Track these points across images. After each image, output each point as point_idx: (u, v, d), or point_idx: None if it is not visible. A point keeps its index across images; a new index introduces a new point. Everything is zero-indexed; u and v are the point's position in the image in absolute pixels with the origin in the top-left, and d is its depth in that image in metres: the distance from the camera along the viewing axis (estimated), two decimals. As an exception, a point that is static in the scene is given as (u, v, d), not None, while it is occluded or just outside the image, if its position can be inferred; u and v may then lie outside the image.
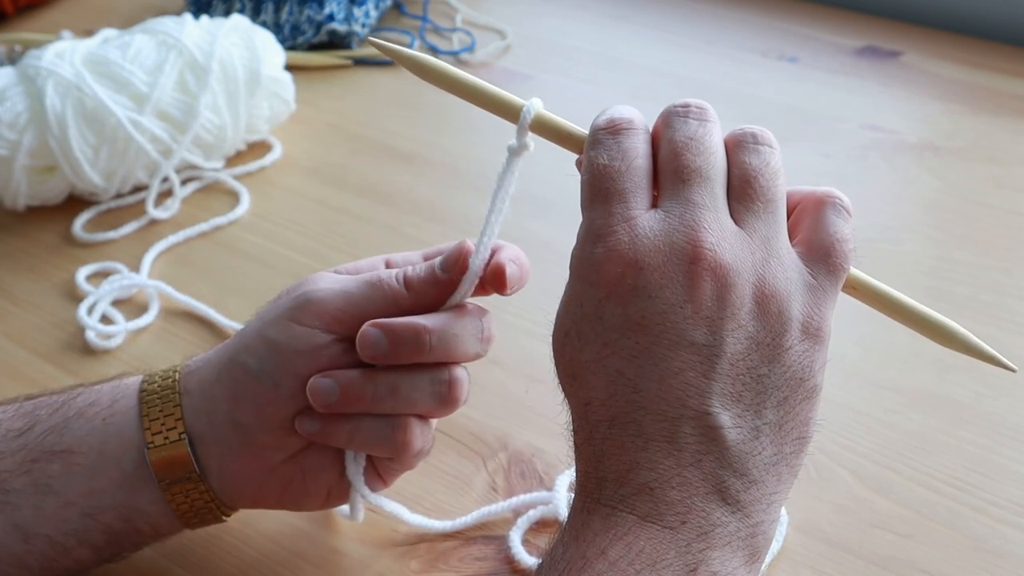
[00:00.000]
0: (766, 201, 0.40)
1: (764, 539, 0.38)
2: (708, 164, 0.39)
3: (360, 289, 0.47)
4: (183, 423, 0.47)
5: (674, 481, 0.36)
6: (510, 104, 0.44)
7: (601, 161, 0.40)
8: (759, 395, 0.37)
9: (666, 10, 1.03)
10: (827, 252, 0.40)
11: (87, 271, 0.71)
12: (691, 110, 0.41)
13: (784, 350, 0.38)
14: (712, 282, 0.37)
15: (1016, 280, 0.68)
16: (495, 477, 0.55)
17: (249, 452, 0.47)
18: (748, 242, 0.39)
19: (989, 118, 0.84)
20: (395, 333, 0.46)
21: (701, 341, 0.37)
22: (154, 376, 0.48)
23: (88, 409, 0.47)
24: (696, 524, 0.36)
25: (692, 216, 0.38)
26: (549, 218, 0.72)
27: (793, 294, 0.38)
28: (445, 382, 0.47)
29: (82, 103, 0.73)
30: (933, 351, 0.50)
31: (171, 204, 0.77)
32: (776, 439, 0.38)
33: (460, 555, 0.51)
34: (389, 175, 0.81)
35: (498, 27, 0.99)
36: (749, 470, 0.37)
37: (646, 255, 0.38)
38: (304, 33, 0.96)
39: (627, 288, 0.38)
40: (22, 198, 0.75)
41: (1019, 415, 0.58)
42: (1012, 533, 0.51)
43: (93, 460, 0.46)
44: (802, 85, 0.90)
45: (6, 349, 0.65)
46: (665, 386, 0.37)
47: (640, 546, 0.36)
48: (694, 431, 0.37)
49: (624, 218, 0.38)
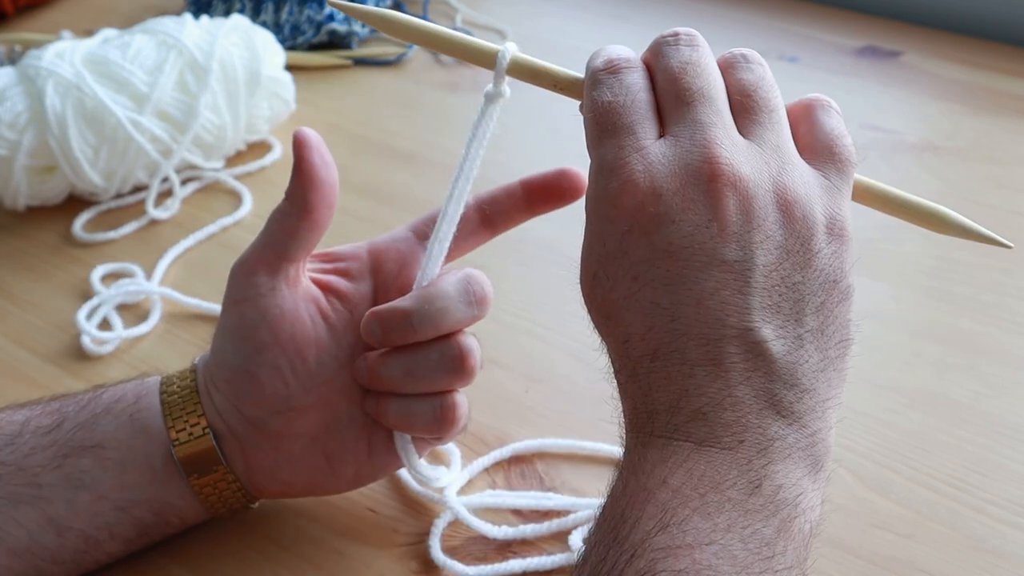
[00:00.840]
0: (769, 111, 0.40)
1: (824, 447, 0.38)
2: (708, 84, 0.40)
3: (262, 229, 0.48)
4: (206, 418, 0.47)
5: (726, 403, 0.36)
6: (484, 50, 0.44)
7: (605, 98, 0.40)
8: (797, 303, 0.37)
9: (666, 10, 1.03)
10: (831, 151, 0.40)
11: (102, 271, 0.70)
12: (681, 37, 0.41)
13: (814, 254, 0.38)
14: (734, 196, 0.37)
15: (1016, 280, 0.68)
16: (495, 477, 0.55)
17: (268, 444, 0.48)
18: (761, 152, 0.39)
19: (989, 118, 0.84)
20: (382, 319, 0.47)
21: (732, 258, 0.37)
22: (171, 379, 0.49)
23: (115, 405, 0.48)
24: (754, 441, 0.36)
25: (702, 135, 0.38)
26: (549, 218, 0.72)
27: (813, 197, 0.38)
28: (454, 355, 0.47)
29: (82, 103, 0.73)
30: (933, 351, 0.50)
31: (171, 204, 0.77)
32: (820, 345, 0.38)
33: (461, 554, 0.51)
34: (389, 175, 0.81)
35: (498, 27, 0.99)
36: (799, 380, 0.37)
37: (663, 181, 0.37)
38: (304, 33, 0.96)
39: (649, 217, 0.37)
40: (22, 198, 0.75)
41: (1019, 415, 0.58)
42: (1012, 533, 0.51)
43: (123, 455, 0.47)
44: (802, 85, 0.90)
45: (6, 349, 0.65)
46: (703, 309, 0.36)
47: (701, 470, 0.35)
48: (738, 349, 0.36)
49: (635, 148, 0.38)
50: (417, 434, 0.49)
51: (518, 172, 0.50)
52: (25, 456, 0.46)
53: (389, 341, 0.47)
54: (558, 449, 0.56)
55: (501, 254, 0.64)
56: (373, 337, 0.47)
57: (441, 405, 0.48)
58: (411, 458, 0.50)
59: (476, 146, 0.45)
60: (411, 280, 0.49)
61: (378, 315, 0.47)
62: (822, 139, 0.40)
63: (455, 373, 0.47)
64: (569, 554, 0.50)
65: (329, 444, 0.49)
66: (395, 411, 0.48)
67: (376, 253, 0.50)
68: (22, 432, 0.47)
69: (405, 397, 0.48)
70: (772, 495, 0.35)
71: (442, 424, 0.48)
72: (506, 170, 0.46)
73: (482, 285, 0.48)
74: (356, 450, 0.49)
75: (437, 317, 0.46)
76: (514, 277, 0.69)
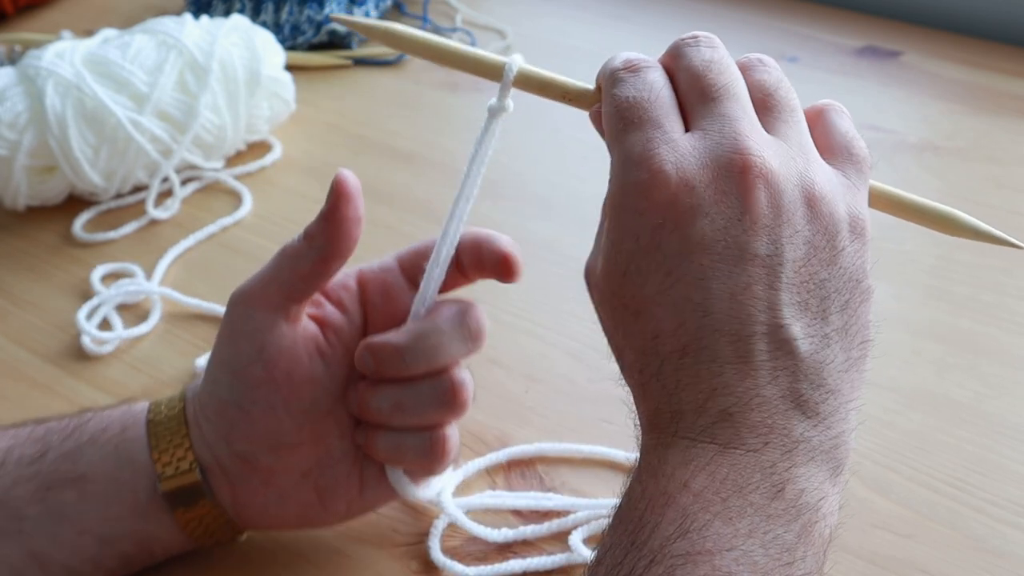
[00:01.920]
0: (791, 110, 0.40)
1: (845, 451, 0.37)
2: (733, 81, 0.39)
3: (270, 262, 0.46)
4: (193, 452, 0.46)
5: (753, 403, 0.36)
6: (490, 63, 0.43)
7: (627, 94, 0.39)
8: (823, 301, 0.37)
9: (666, 10, 1.03)
10: (849, 151, 0.40)
11: (102, 271, 0.70)
12: (701, 39, 0.41)
13: (839, 251, 0.38)
14: (765, 190, 0.37)
15: (1016, 280, 0.68)
16: (495, 477, 0.55)
17: (258, 479, 0.47)
18: (787, 148, 0.38)
19: (989, 118, 0.84)
20: (375, 352, 0.46)
21: (763, 252, 0.36)
22: (159, 406, 0.48)
23: (100, 435, 0.46)
24: (779, 443, 0.35)
25: (731, 128, 0.38)
26: (549, 218, 0.72)
27: (837, 194, 0.38)
28: (447, 389, 0.46)
29: (82, 103, 0.73)
30: (933, 351, 0.50)
31: (171, 204, 0.77)
32: (844, 345, 0.37)
33: (461, 553, 0.51)
34: (389, 175, 0.80)
35: (498, 27, 0.99)
36: (825, 379, 0.36)
37: (695, 173, 0.37)
38: (304, 33, 0.96)
39: (683, 209, 0.36)
40: (22, 198, 0.74)
41: (1019, 415, 0.58)
42: (1012, 533, 0.51)
43: (107, 487, 0.46)
44: (802, 85, 0.88)
45: (6, 349, 0.65)
46: (735, 304, 0.36)
47: (724, 473, 0.35)
48: (768, 346, 0.36)
49: (664, 140, 0.38)
50: (407, 467, 0.48)
51: (519, 173, 0.50)
52: (7, 489, 0.45)
53: (382, 374, 0.46)
54: (557, 453, 0.56)
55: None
56: (367, 369, 0.46)
57: (431, 439, 0.47)
58: (406, 489, 0.49)
59: (479, 164, 0.44)
60: (399, 311, 0.47)
61: (371, 348, 0.46)
62: (839, 140, 0.41)
63: (447, 407, 0.47)
64: (569, 554, 0.50)
65: (321, 479, 0.47)
66: (385, 445, 0.47)
67: (364, 283, 0.49)
68: (5, 462, 0.46)
69: (395, 431, 0.47)
70: (794, 499, 0.35)
71: (432, 458, 0.47)
72: (507, 171, 0.46)
73: (478, 320, 0.47)
74: (348, 485, 0.48)
75: (430, 353, 0.46)
76: (514, 277, 0.69)
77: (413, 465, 0.48)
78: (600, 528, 0.52)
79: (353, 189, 0.46)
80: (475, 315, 0.47)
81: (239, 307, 0.46)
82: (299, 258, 0.46)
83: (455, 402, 0.47)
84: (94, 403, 0.61)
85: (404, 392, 0.46)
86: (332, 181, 0.46)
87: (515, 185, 0.72)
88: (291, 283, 0.46)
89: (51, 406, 0.61)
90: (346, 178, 0.46)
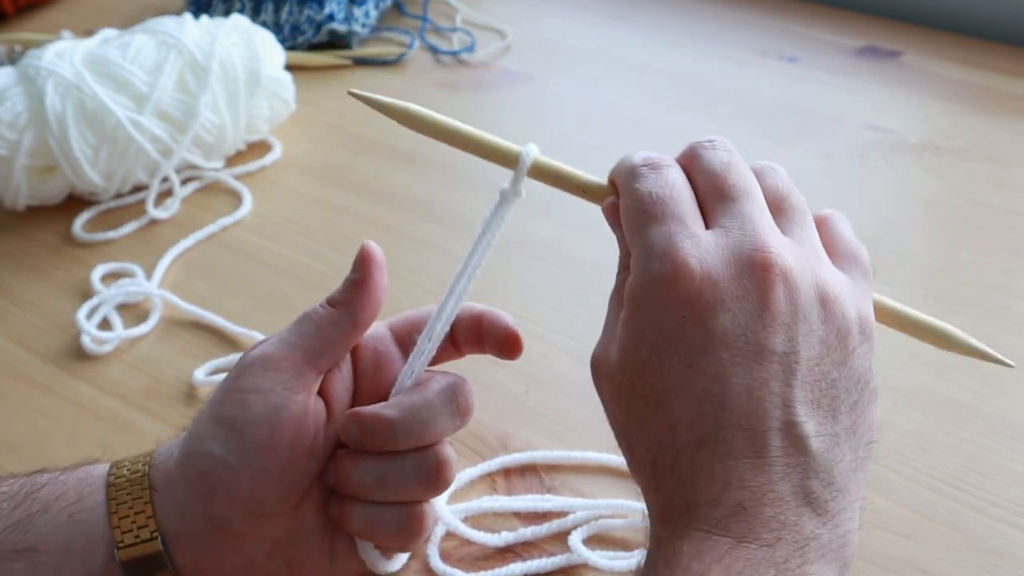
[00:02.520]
0: (803, 214, 0.41)
1: (851, 549, 0.38)
2: (750, 183, 0.41)
3: (291, 328, 0.45)
4: (155, 520, 0.43)
5: (767, 498, 0.36)
6: (506, 151, 0.43)
7: (648, 189, 0.40)
8: (834, 400, 0.38)
9: (666, 10, 1.03)
10: (855, 256, 0.42)
11: (103, 270, 0.70)
12: (716, 143, 0.42)
13: (850, 352, 0.39)
14: (784, 288, 0.38)
15: (1016, 280, 0.68)
16: (495, 477, 0.55)
17: (228, 547, 0.44)
18: (802, 249, 0.40)
19: (989, 118, 0.84)
20: (364, 425, 0.44)
21: (781, 349, 0.37)
22: (122, 466, 0.45)
23: (53, 504, 0.44)
24: (791, 539, 0.36)
25: (752, 227, 0.39)
26: (549, 218, 0.72)
27: (848, 296, 0.39)
28: (431, 466, 0.44)
29: (82, 103, 0.73)
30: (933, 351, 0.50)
31: (171, 204, 0.77)
32: (852, 444, 0.38)
33: (460, 555, 0.51)
34: (389, 175, 0.80)
35: (498, 27, 0.99)
36: (835, 478, 0.37)
37: (718, 268, 0.38)
38: (304, 33, 0.96)
39: (707, 303, 0.37)
40: (22, 198, 0.74)
41: (1019, 415, 0.58)
42: (1012, 533, 0.51)
43: (59, 559, 0.43)
44: (802, 85, 0.90)
45: (6, 349, 0.65)
46: (753, 399, 0.37)
47: (739, 567, 0.35)
48: (782, 443, 0.37)
49: (687, 235, 0.39)
50: (380, 543, 0.46)
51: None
52: None
53: (367, 447, 0.44)
54: (556, 460, 0.56)
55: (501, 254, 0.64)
56: (351, 440, 0.44)
57: (409, 515, 0.45)
58: (376, 563, 0.46)
59: (485, 244, 0.44)
60: (386, 382, 0.46)
61: (359, 419, 0.44)
62: (845, 246, 0.42)
63: (429, 485, 0.45)
64: (570, 554, 0.50)
65: (291, 551, 0.45)
66: (359, 518, 0.45)
67: (356, 351, 0.47)
68: None
69: (372, 504, 0.45)
70: None
71: (408, 536, 0.45)
72: (507, 171, 0.46)
73: (467, 397, 0.45)
74: (319, 557, 0.46)
75: (420, 429, 0.44)
76: (514, 277, 0.69)
77: (387, 541, 0.46)
78: (600, 528, 0.52)
79: (380, 258, 0.45)
80: (466, 391, 0.46)
81: (256, 368, 0.44)
82: (332, 326, 0.44)
83: (439, 480, 0.45)
84: (94, 403, 0.61)
85: (387, 466, 0.44)
86: (359, 252, 0.45)
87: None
88: (318, 350, 0.44)
89: (51, 406, 0.61)
90: (373, 250, 0.45)
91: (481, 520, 0.53)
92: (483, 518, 0.53)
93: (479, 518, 0.53)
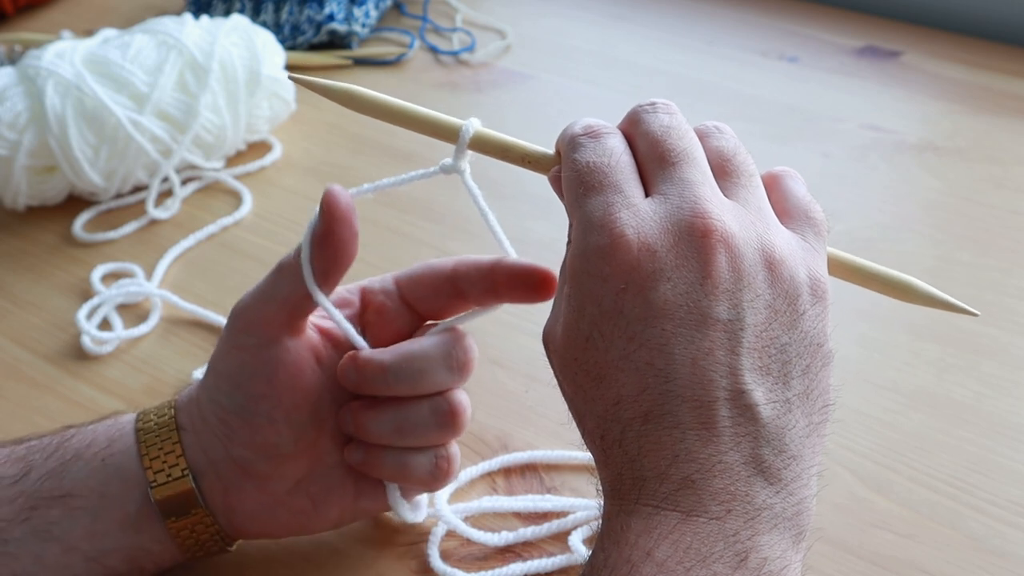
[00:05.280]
0: (748, 175, 0.40)
1: (807, 517, 0.37)
2: (691, 145, 0.40)
3: (268, 279, 0.46)
4: (184, 459, 0.46)
5: (716, 469, 0.35)
6: (447, 125, 0.44)
7: (587, 158, 0.39)
8: (784, 365, 0.37)
9: (666, 10, 1.03)
10: (806, 214, 0.41)
11: (103, 270, 0.70)
12: (658, 105, 0.41)
13: (800, 315, 0.37)
14: (725, 254, 0.37)
15: (1016, 280, 0.68)
16: (495, 477, 0.55)
17: (253, 485, 0.46)
18: (746, 212, 0.38)
19: (989, 118, 0.84)
20: (360, 368, 0.46)
21: (724, 316, 0.36)
22: (148, 414, 0.47)
23: (86, 451, 0.46)
24: (742, 511, 0.35)
25: (691, 192, 0.38)
26: (549, 218, 0.72)
27: (797, 258, 0.38)
28: (446, 411, 0.46)
29: (82, 103, 0.73)
30: (933, 351, 0.50)
31: (171, 204, 0.77)
32: (806, 410, 0.37)
33: (460, 554, 0.51)
34: (389, 175, 0.80)
35: (498, 27, 0.99)
36: (787, 445, 0.36)
37: (656, 237, 0.37)
38: (304, 33, 0.96)
39: (645, 274, 0.36)
40: (22, 198, 0.75)
41: (1019, 415, 0.58)
42: (1012, 533, 0.51)
43: (95, 503, 0.45)
44: (802, 85, 0.90)
45: (6, 349, 0.65)
46: (698, 370, 0.36)
47: (687, 542, 0.34)
48: (730, 412, 0.36)
49: (624, 205, 0.38)
50: (411, 485, 0.48)
51: (518, 173, 0.49)
52: None
53: (364, 389, 0.46)
54: (556, 460, 0.56)
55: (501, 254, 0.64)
56: (349, 382, 0.46)
57: (437, 457, 0.47)
58: (400, 506, 0.49)
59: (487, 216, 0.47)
60: (392, 333, 0.48)
61: (356, 363, 0.46)
62: (796, 204, 0.41)
63: (447, 428, 0.47)
64: (570, 555, 0.51)
65: (315, 487, 0.47)
66: (390, 464, 0.47)
67: (365, 301, 0.49)
68: None
69: (399, 450, 0.47)
70: (758, 568, 0.35)
71: (438, 477, 0.48)
72: (507, 171, 0.46)
73: (466, 351, 0.47)
74: (342, 493, 0.48)
75: (415, 377, 0.46)
76: (514, 277, 0.69)
77: (418, 483, 0.48)
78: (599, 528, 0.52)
79: (346, 208, 0.45)
80: (464, 346, 0.47)
81: (240, 322, 0.46)
82: (297, 277, 0.45)
83: (455, 423, 0.47)
84: (94, 403, 0.61)
85: (403, 415, 0.46)
86: (322, 200, 0.45)
87: (515, 185, 0.72)
88: (292, 301, 0.45)
89: (51, 406, 0.61)
90: (337, 197, 0.45)
91: (481, 520, 0.53)
92: (483, 518, 0.53)
93: (479, 518, 0.53)
